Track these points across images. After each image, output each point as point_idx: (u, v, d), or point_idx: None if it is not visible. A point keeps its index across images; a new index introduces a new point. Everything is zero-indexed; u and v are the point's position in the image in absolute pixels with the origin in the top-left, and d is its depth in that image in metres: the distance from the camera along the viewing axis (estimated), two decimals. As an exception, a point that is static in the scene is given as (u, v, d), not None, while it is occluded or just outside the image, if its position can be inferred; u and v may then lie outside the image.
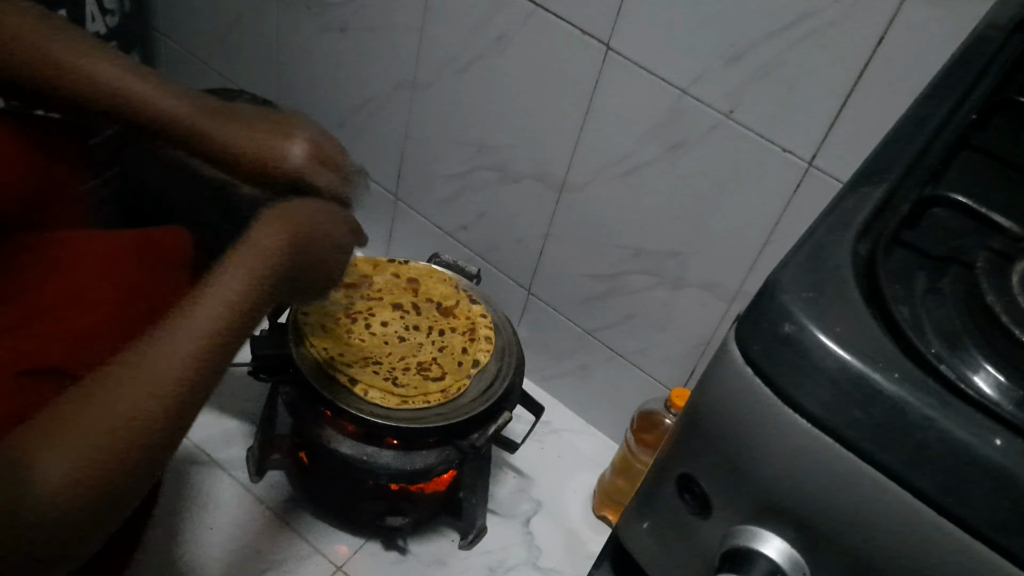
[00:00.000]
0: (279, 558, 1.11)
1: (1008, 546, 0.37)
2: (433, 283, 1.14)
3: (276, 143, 0.74)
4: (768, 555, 0.44)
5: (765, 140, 0.96)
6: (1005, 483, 0.37)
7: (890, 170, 0.51)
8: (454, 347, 1.07)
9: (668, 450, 0.52)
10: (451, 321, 1.10)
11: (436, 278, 1.15)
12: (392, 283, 1.13)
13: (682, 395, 1.10)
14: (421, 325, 1.08)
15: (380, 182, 1.39)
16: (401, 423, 0.97)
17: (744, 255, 1.05)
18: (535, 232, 1.23)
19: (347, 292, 1.09)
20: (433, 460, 1.00)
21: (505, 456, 1.25)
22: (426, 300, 1.12)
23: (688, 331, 1.16)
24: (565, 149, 1.13)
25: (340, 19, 1.25)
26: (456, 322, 1.10)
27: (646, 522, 0.55)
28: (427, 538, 1.18)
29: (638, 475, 1.15)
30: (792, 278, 0.43)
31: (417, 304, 1.11)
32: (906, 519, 0.39)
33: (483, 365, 1.06)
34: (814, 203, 0.85)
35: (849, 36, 0.85)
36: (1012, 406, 0.40)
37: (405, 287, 1.12)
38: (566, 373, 1.35)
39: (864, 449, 0.39)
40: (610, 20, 1.00)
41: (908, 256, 0.48)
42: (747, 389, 0.42)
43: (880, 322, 0.42)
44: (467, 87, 1.17)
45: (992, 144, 0.58)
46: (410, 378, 1.01)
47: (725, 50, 0.93)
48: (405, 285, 1.13)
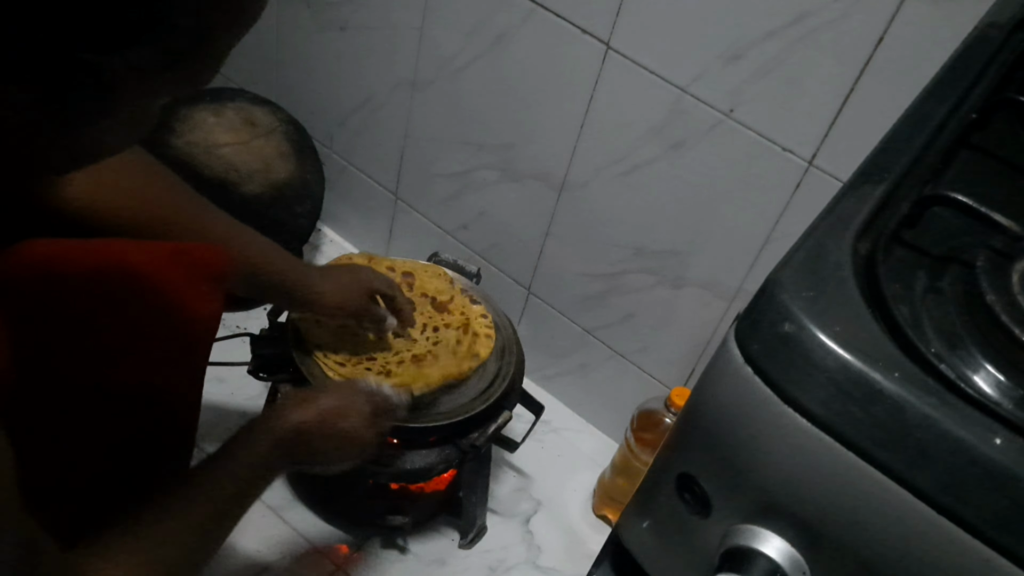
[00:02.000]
0: (279, 557, 1.11)
1: (1008, 545, 0.37)
2: (427, 278, 1.14)
3: (352, 295, 0.97)
4: (768, 554, 0.44)
5: (765, 139, 0.96)
6: (1005, 483, 0.37)
7: (890, 169, 0.51)
8: (448, 340, 1.07)
9: (668, 449, 0.52)
10: (445, 317, 1.10)
11: (431, 273, 1.15)
12: None
13: (682, 394, 1.10)
14: (416, 320, 1.08)
15: (380, 182, 1.39)
16: (401, 423, 0.97)
17: (744, 254, 1.05)
18: (535, 232, 1.23)
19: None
20: (433, 459, 1.00)
21: (505, 455, 1.25)
22: (420, 295, 1.12)
23: (688, 330, 1.16)
24: (565, 149, 1.12)
25: (340, 18, 1.25)
26: (450, 317, 1.10)
27: (646, 521, 0.55)
28: (427, 537, 1.18)
29: (638, 474, 1.15)
30: (792, 277, 0.43)
31: (411, 299, 1.11)
32: (906, 518, 0.39)
33: (483, 359, 1.06)
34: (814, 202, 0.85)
35: (849, 35, 0.85)
36: (1012, 405, 0.40)
37: (399, 282, 1.12)
38: (566, 372, 1.35)
39: (864, 448, 0.39)
40: (610, 19, 1.00)
41: (908, 255, 0.48)
42: (747, 388, 0.42)
43: (880, 321, 0.42)
44: (467, 87, 1.17)
45: (992, 144, 0.58)
46: (404, 369, 1.01)
47: (725, 49, 0.93)
48: (399, 280, 1.13)
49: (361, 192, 1.42)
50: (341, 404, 0.81)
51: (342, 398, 0.82)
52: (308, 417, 0.77)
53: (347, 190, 1.44)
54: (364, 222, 1.47)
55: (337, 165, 1.42)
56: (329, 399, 0.81)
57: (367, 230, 1.48)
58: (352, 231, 1.51)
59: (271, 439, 0.75)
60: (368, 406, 0.84)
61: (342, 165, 1.42)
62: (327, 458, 0.81)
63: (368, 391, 0.86)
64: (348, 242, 1.52)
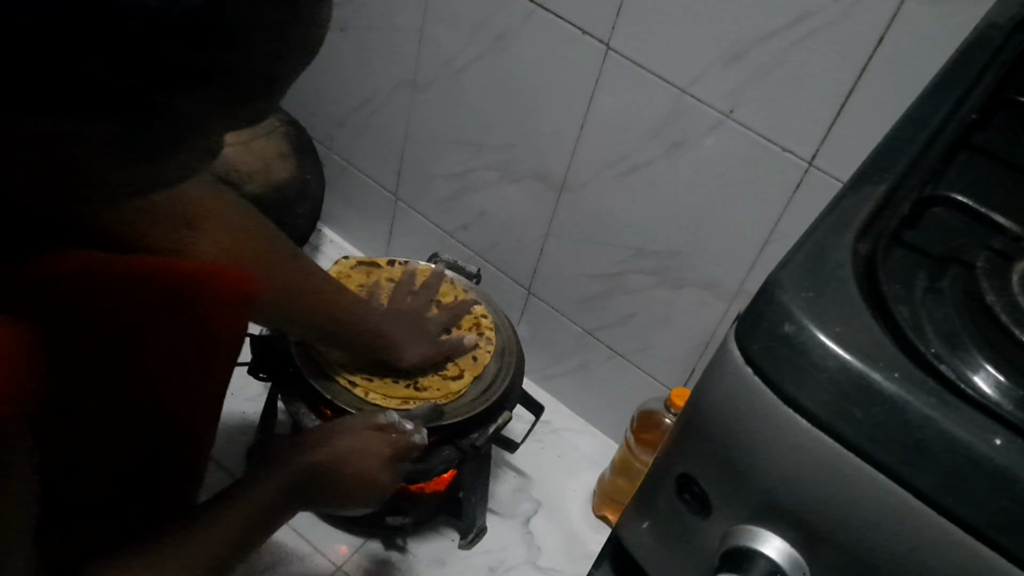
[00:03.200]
0: (279, 558, 1.11)
1: (1008, 546, 0.37)
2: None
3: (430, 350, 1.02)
4: (768, 555, 0.44)
5: (765, 140, 0.96)
6: (1005, 483, 0.37)
7: (890, 170, 0.51)
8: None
9: (668, 450, 0.52)
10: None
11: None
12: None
13: (682, 395, 1.10)
14: None
15: (380, 182, 1.39)
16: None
17: (744, 255, 1.05)
18: (535, 232, 1.23)
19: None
20: (433, 459, 1.00)
21: (505, 456, 1.25)
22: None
23: (688, 331, 1.16)
24: (565, 149, 1.12)
25: (340, 18, 1.25)
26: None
27: (646, 522, 0.55)
28: (427, 538, 1.18)
29: (638, 475, 1.15)
30: (792, 278, 0.43)
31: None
32: (906, 518, 0.39)
33: (483, 364, 1.06)
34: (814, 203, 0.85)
35: (849, 36, 0.85)
36: (1012, 406, 0.40)
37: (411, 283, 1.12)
38: (566, 373, 1.35)
39: (864, 449, 0.39)
40: (610, 19, 1.00)
41: (908, 256, 0.48)
42: (747, 389, 0.42)
43: (880, 322, 0.42)
44: (467, 87, 1.17)
45: (992, 144, 0.58)
46: (430, 380, 1.02)
47: (725, 50, 0.93)
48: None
49: (361, 192, 1.42)
50: (358, 446, 0.79)
51: (360, 440, 0.79)
52: (322, 459, 0.76)
53: (347, 190, 1.44)
54: (364, 222, 1.47)
55: (337, 165, 1.42)
56: (345, 440, 0.78)
57: (367, 230, 1.48)
58: (352, 231, 1.51)
59: (285, 479, 0.73)
60: (388, 449, 0.81)
61: (342, 165, 1.42)
62: (341, 501, 0.80)
63: (388, 429, 0.83)
64: (348, 243, 1.52)
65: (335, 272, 1.09)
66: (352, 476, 0.78)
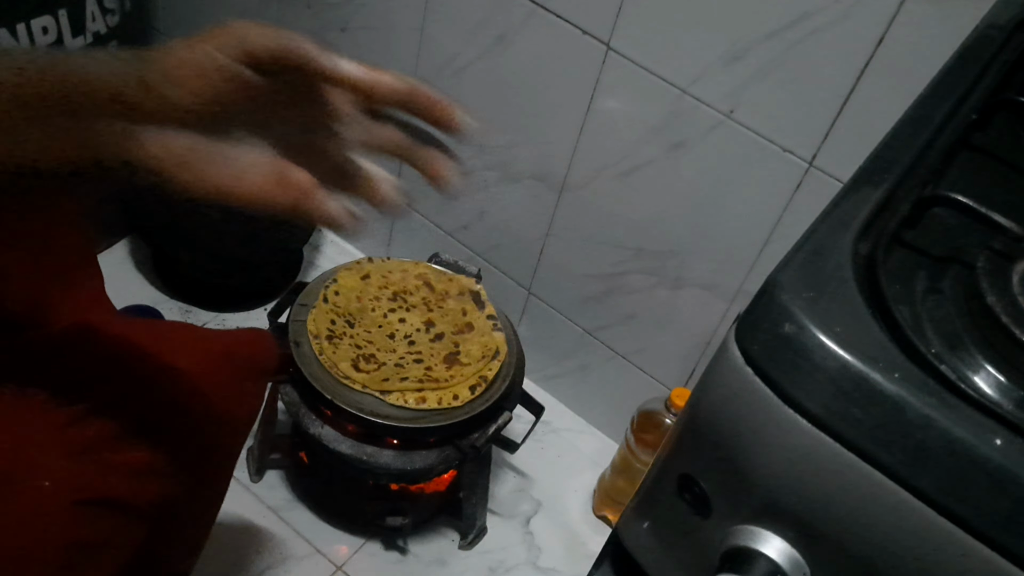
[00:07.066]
0: (279, 558, 1.11)
1: (1008, 546, 0.37)
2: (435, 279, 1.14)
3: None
4: (768, 555, 0.44)
5: (765, 140, 0.96)
6: (1005, 483, 0.37)
7: (890, 170, 0.51)
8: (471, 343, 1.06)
9: (668, 450, 0.52)
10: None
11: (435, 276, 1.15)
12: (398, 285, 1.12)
13: (682, 395, 1.10)
14: (436, 321, 1.08)
15: (380, 182, 1.39)
16: (401, 423, 0.97)
17: (744, 255, 1.05)
18: (535, 232, 1.23)
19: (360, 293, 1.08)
20: (433, 460, 1.00)
21: (505, 456, 1.25)
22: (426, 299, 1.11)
23: (688, 331, 1.16)
24: (565, 149, 1.12)
25: (340, 19, 1.25)
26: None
27: (646, 522, 0.55)
28: (427, 538, 1.18)
29: (638, 475, 1.15)
30: (792, 278, 0.43)
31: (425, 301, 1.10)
32: (906, 519, 0.39)
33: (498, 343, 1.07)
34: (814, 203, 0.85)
35: (849, 36, 0.85)
36: (1012, 406, 0.40)
37: (417, 284, 1.12)
38: (566, 373, 1.35)
39: (864, 449, 0.39)
40: (610, 20, 1.00)
41: (908, 256, 0.48)
42: (747, 389, 0.42)
43: (880, 322, 0.42)
44: (467, 87, 1.17)
45: (992, 144, 0.58)
46: (441, 372, 1.01)
47: (725, 50, 0.93)
48: (416, 282, 1.12)
49: (361, 192, 1.42)
50: None
51: None
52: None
53: (347, 190, 1.44)
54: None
55: (337, 165, 1.42)
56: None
57: (367, 231, 1.48)
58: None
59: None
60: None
61: (342, 165, 1.42)
62: None
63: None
64: (348, 242, 1.53)
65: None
66: None
